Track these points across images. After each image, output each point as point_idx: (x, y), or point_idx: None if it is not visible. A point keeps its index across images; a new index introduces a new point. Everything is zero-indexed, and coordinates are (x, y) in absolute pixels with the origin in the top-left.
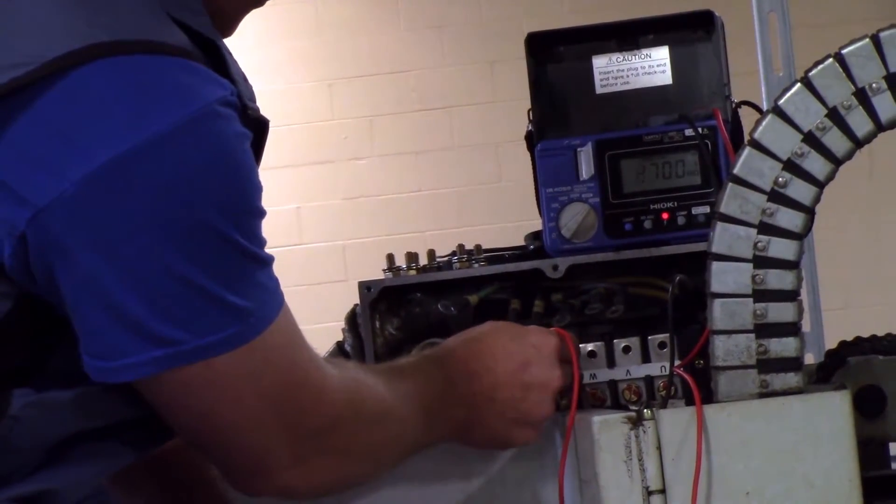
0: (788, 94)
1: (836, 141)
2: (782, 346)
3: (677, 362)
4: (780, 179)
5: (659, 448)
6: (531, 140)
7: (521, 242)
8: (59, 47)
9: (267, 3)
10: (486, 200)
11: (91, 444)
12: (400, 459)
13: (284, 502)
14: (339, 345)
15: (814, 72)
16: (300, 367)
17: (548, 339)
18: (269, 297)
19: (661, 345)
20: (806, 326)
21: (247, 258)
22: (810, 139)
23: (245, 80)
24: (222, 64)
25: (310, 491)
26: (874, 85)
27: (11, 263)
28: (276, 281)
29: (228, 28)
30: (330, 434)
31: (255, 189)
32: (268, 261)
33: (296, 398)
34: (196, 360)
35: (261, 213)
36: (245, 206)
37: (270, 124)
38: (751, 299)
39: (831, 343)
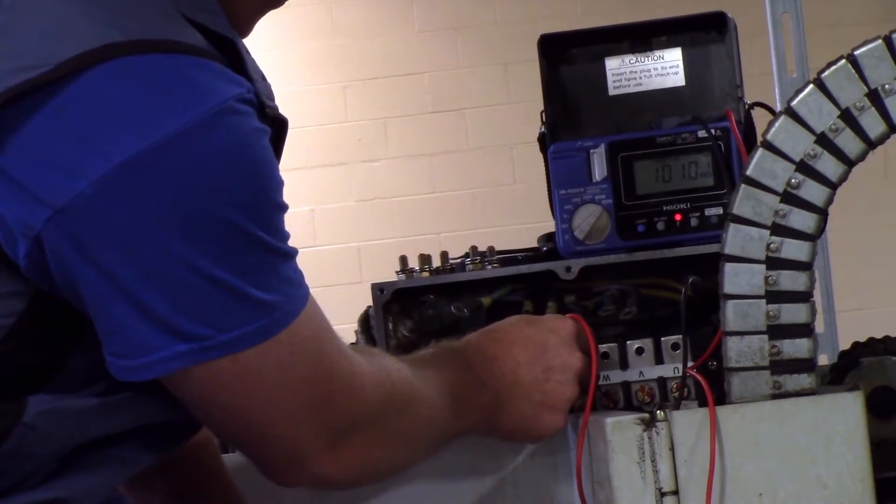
0: (801, 96)
1: (848, 142)
2: (795, 348)
3: (690, 363)
4: (793, 181)
5: (672, 449)
6: (544, 142)
7: (536, 244)
8: (74, 48)
9: (282, 5)
10: (501, 202)
11: (105, 451)
12: (433, 447)
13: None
14: (352, 347)
15: (826, 73)
16: (328, 357)
17: (565, 323)
18: (293, 290)
19: (674, 346)
20: (820, 327)
21: (269, 252)
22: (823, 140)
23: (263, 78)
24: (240, 62)
25: (345, 479)
26: (887, 86)
27: (27, 263)
28: (300, 273)
29: (244, 30)
30: (362, 422)
31: (275, 183)
32: (291, 254)
33: (326, 388)
34: (222, 355)
35: (282, 208)
36: (265, 201)
37: None
38: (764, 300)
39: (845, 344)
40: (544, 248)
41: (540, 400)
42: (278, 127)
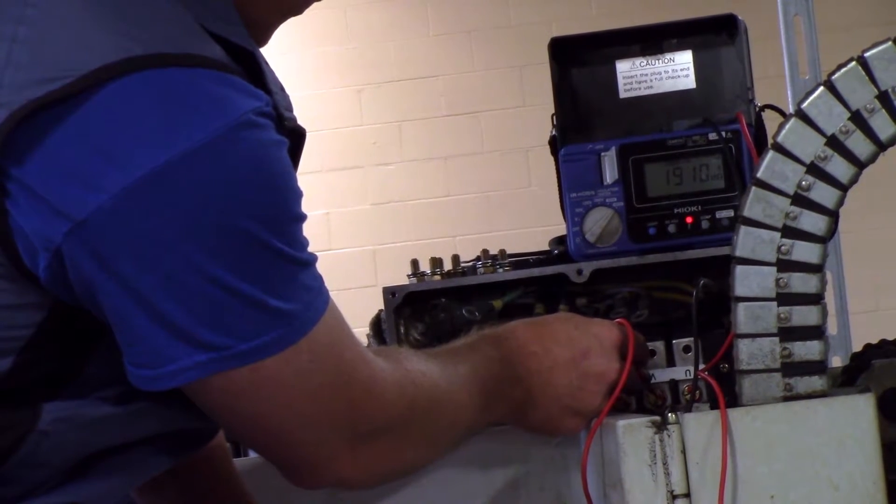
0: (811, 98)
1: (858, 144)
2: (806, 350)
3: (702, 366)
4: (804, 183)
5: (683, 452)
6: (555, 145)
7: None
8: (95, 61)
9: (301, 13)
10: (517, 205)
11: (121, 457)
12: (457, 443)
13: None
14: (376, 349)
15: (836, 75)
16: (348, 364)
17: (611, 331)
18: (312, 297)
19: (686, 348)
20: (833, 329)
21: (288, 262)
22: (833, 142)
23: (282, 89)
24: (259, 74)
25: (366, 481)
26: None
27: (47, 275)
28: (320, 280)
29: (263, 38)
30: (383, 427)
31: (294, 195)
32: (310, 261)
33: (346, 396)
34: (242, 365)
35: (300, 218)
36: (284, 213)
37: None
38: (775, 303)
39: (860, 346)
40: (555, 252)
41: (568, 404)
42: (296, 138)
